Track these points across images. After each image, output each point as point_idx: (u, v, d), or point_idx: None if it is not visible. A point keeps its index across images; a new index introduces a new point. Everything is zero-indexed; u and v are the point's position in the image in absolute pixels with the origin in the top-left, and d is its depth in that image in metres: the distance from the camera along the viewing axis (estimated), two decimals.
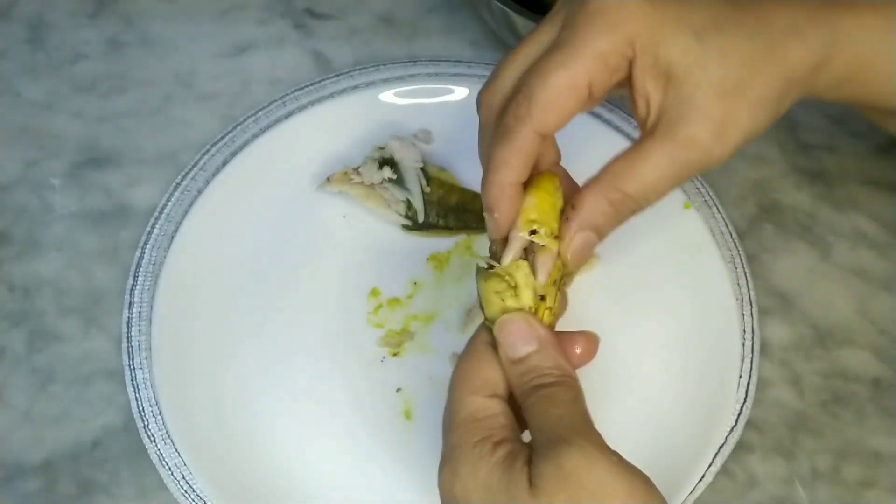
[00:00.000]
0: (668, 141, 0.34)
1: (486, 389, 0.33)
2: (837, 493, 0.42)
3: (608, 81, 0.35)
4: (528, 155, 0.35)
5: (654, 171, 0.35)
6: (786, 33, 0.36)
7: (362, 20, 0.60)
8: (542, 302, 0.35)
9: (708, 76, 0.34)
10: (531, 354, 0.33)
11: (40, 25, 0.59)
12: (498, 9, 0.51)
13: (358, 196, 0.49)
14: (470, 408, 0.33)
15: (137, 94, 0.56)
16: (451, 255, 0.49)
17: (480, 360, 0.34)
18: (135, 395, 0.44)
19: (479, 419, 0.32)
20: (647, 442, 0.43)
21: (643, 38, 0.34)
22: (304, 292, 0.48)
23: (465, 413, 0.32)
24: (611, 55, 0.34)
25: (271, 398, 0.44)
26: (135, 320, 0.46)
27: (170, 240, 0.48)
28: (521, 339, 0.33)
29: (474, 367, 0.34)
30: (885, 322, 0.47)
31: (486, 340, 0.35)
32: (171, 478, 0.41)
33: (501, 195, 0.35)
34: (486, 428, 0.32)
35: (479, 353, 0.34)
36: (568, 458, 0.29)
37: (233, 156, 0.51)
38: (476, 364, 0.34)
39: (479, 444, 0.31)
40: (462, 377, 0.34)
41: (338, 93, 0.54)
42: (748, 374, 0.45)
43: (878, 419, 0.44)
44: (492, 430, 0.32)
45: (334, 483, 0.42)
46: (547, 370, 0.33)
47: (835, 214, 0.51)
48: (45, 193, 0.52)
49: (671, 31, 0.34)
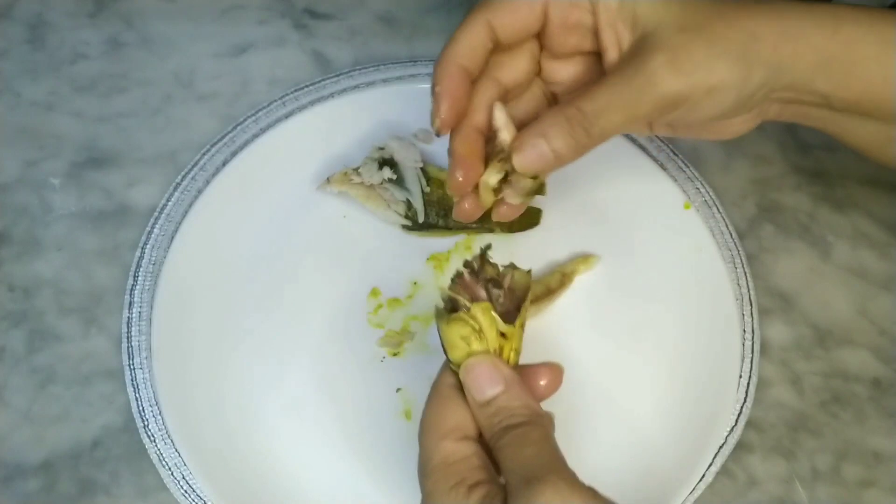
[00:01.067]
0: (626, 66, 0.37)
1: (457, 433, 0.33)
2: (837, 493, 0.42)
3: (567, 15, 0.38)
4: (478, 41, 0.38)
5: (607, 91, 0.36)
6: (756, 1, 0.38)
7: (362, 20, 0.60)
8: (507, 341, 0.35)
9: (669, 15, 0.36)
10: (498, 396, 0.33)
11: (40, 25, 0.59)
12: None
13: (358, 196, 0.49)
14: (442, 453, 0.33)
15: (137, 94, 0.56)
16: (450, 255, 0.49)
17: (448, 403, 0.34)
18: (135, 395, 0.44)
19: (451, 463, 0.32)
20: (648, 442, 0.43)
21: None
22: (304, 292, 0.48)
23: (438, 459, 0.33)
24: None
25: (271, 398, 0.44)
26: (135, 320, 0.46)
27: (170, 240, 0.48)
28: (488, 382, 0.34)
29: (442, 412, 0.34)
30: (885, 322, 0.47)
31: (451, 383, 0.35)
32: (171, 478, 0.42)
33: (446, 72, 0.38)
34: (460, 472, 0.32)
35: (446, 397, 0.35)
36: (542, 496, 0.29)
37: (233, 156, 0.51)
38: (444, 408, 0.34)
39: (455, 488, 0.31)
40: (431, 423, 0.34)
41: (338, 93, 0.54)
42: (748, 374, 0.45)
43: (878, 419, 0.44)
44: (466, 474, 0.32)
45: (334, 483, 0.42)
46: (515, 410, 0.33)
47: (835, 214, 0.51)
48: (45, 193, 0.52)
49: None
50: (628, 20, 0.37)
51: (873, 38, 0.37)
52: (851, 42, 0.37)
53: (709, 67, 0.36)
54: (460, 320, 0.35)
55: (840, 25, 0.37)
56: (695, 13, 0.37)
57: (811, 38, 0.37)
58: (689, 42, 0.36)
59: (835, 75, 0.37)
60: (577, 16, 0.38)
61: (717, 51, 0.36)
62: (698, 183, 0.51)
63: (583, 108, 0.36)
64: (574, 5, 0.38)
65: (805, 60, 0.37)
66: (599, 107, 0.36)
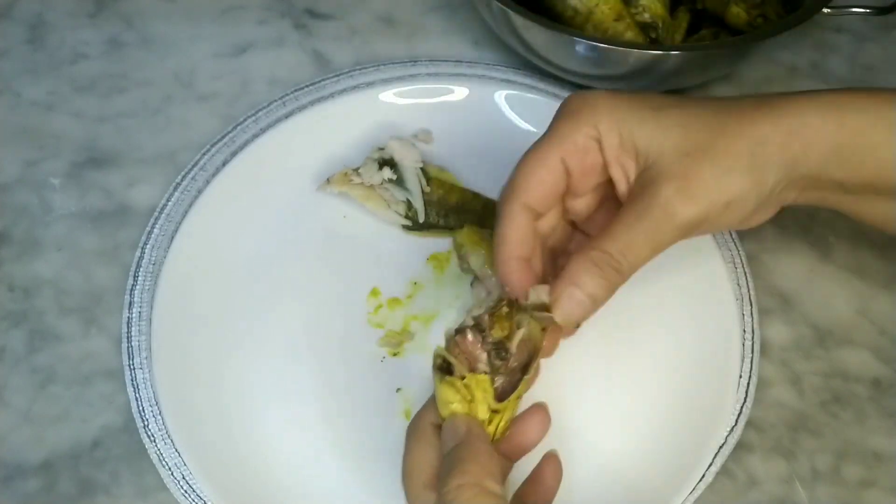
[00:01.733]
0: (638, 201, 0.37)
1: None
2: (837, 493, 0.42)
3: (581, 160, 0.39)
4: (523, 228, 0.39)
5: (627, 230, 0.37)
6: (755, 106, 0.38)
7: (362, 20, 0.60)
8: (498, 415, 0.35)
9: (669, 141, 0.37)
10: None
11: (40, 25, 0.59)
12: (498, 9, 0.51)
13: (358, 197, 0.49)
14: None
15: (137, 94, 0.56)
16: (451, 255, 0.49)
17: (427, 449, 0.35)
18: (135, 395, 0.44)
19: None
20: (648, 441, 0.43)
21: (605, 119, 0.38)
22: (305, 292, 0.48)
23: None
24: (577, 135, 0.38)
25: (271, 398, 0.44)
26: (135, 320, 0.46)
27: (170, 240, 0.48)
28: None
29: (423, 457, 0.35)
30: (885, 322, 0.47)
31: (432, 421, 0.36)
32: (171, 478, 0.41)
33: (508, 269, 0.39)
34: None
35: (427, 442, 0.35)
36: None
37: (233, 156, 0.51)
38: (425, 453, 0.35)
39: None
40: (413, 469, 0.35)
41: (338, 93, 0.54)
42: (748, 374, 0.45)
43: (878, 419, 0.44)
44: None
45: (334, 483, 0.42)
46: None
47: (835, 214, 0.51)
48: (45, 193, 0.52)
49: (631, 110, 0.38)
50: (631, 153, 0.38)
51: (881, 125, 0.37)
52: (859, 132, 0.37)
53: (720, 187, 0.36)
54: (452, 387, 0.34)
55: (844, 115, 0.37)
56: (696, 133, 0.37)
57: (819, 132, 0.37)
58: (695, 165, 0.36)
59: (846, 163, 0.37)
60: (591, 160, 0.39)
61: (725, 168, 0.36)
62: None
63: (608, 250, 0.37)
64: (586, 151, 0.38)
65: (816, 152, 0.37)
66: (623, 245, 0.37)
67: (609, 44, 0.50)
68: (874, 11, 0.55)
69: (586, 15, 0.53)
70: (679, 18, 0.57)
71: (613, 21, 0.53)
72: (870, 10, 0.55)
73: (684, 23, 0.57)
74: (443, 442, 0.34)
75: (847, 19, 0.60)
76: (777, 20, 0.54)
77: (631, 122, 0.38)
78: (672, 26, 0.55)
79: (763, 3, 0.54)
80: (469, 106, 0.54)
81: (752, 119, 0.37)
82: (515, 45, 0.54)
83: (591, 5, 0.53)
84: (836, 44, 0.60)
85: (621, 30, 0.53)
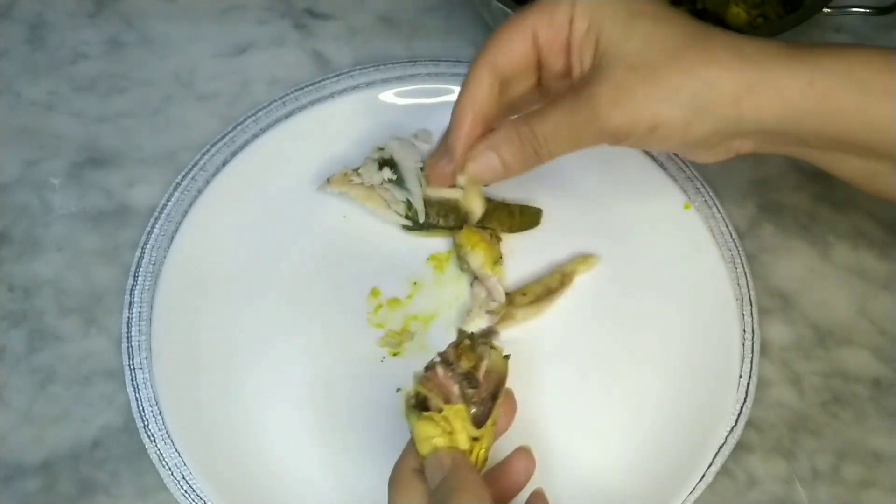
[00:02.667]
0: (574, 94, 0.38)
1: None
2: (837, 493, 0.42)
3: (551, 36, 0.39)
4: (484, 86, 0.40)
5: (555, 115, 0.38)
6: (727, 46, 0.37)
7: (362, 20, 0.60)
8: (478, 442, 0.35)
9: (626, 49, 0.37)
10: None
11: (40, 25, 0.59)
12: (498, 9, 0.51)
13: (358, 197, 0.49)
14: None
15: (137, 94, 0.56)
16: (451, 255, 0.49)
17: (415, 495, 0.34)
18: (135, 395, 0.44)
19: None
20: (648, 441, 0.43)
21: (582, 4, 0.38)
22: (304, 292, 0.48)
23: None
24: (554, 11, 0.39)
25: (271, 398, 0.44)
26: (135, 320, 0.46)
27: (170, 240, 0.48)
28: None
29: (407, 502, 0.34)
30: (885, 322, 0.47)
31: (413, 468, 0.35)
32: (171, 478, 0.42)
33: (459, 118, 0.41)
34: None
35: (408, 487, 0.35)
36: None
37: (233, 156, 0.51)
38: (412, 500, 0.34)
39: None
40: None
41: (338, 93, 0.54)
42: (748, 374, 0.45)
43: (878, 419, 0.44)
44: None
45: (334, 483, 0.42)
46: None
47: (835, 214, 0.51)
48: (45, 193, 0.52)
49: (609, 4, 0.38)
50: (592, 45, 0.38)
51: (854, 88, 0.36)
52: (828, 94, 0.36)
53: (649, 109, 0.37)
54: (431, 421, 0.34)
55: (816, 75, 0.36)
56: (656, 51, 0.37)
57: (782, 91, 0.36)
58: (637, 81, 0.37)
59: (806, 125, 0.37)
60: (560, 38, 0.40)
61: (661, 95, 0.36)
62: (698, 183, 0.51)
63: (535, 130, 0.39)
64: (558, 29, 0.39)
65: (771, 113, 0.36)
66: (548, 131, 0.39)
67: None
68: (874, 11, 0.55)
69: None
70: None
71: None
72: (870, 10, 0.55)
73: None
74: (430, 479, 0.34)
75: (847, 19, 0.60)
76: (777, 20, 0.54)
77: (603, 15, 0.38)
78: None
79: (763, 3, 0.55)
80: None
81: (713, 57, 0.36)
82: None
83: None
84: None
85: None
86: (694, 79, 0.36)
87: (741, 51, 0.37)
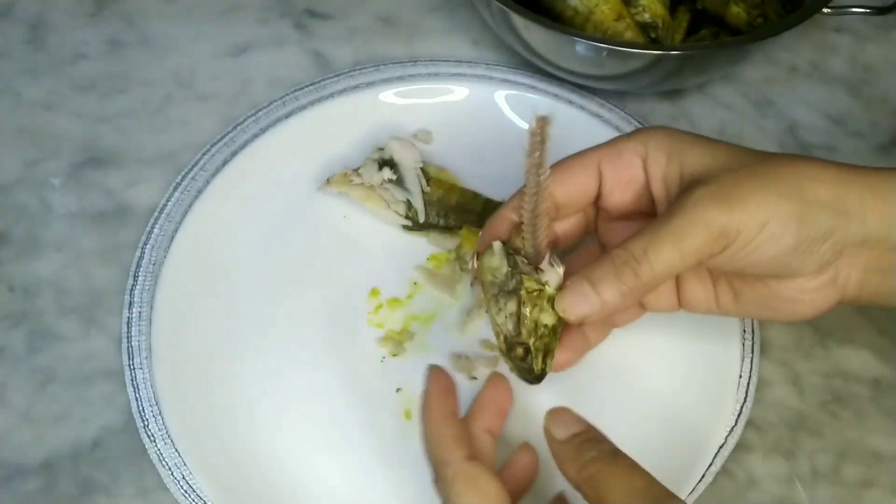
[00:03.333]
0: (672, 206, 0.36)
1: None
2: (837, 493, 0.42)
3: (619, 170, 0.39)
4: None
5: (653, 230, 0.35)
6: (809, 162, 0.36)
7: (362, 20, 0.60)
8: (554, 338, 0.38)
9: (717, 162, 0.36)
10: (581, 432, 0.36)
11: (40, 25, 0.59)
12: (498, 9, 0.51)
13: (358, 197, 0.49)
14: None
15: (137, 94, 0.56)
16: (450, 256, 0.49)
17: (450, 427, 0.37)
18: (135, 395, 0.44)
19: None
20: (648, 441, 0.43)
21: (655, 139, 0.38)
22: (305, 292, 0.48)
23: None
24: (622, 147, 0.39)
25: (271, 398, 0.44)
26: (135, 320, 0.46)
27: (170, 240, 0.48)
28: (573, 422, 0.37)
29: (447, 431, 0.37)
30: (885, 322, 0.47)
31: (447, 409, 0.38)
32: (171, 478, 0.41)
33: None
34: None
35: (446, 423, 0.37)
36: None
37: (233, 156, 0.51)
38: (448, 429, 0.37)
39: None
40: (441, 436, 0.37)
41: (338, 93, 0.54)
42: (748, 374, 0.45)
43: (878, 419, 0.44)
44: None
45: (334, 483, 0.42)
46: (605, 444, 0.35)
47: None
48: (45, 193, 0.52)
49: (684, 137, 0.38)
50: (676, 171, 0.37)
51: None
52: None
53: (757, 199, 0.34)
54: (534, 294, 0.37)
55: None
56: (747, 158, 0.36)
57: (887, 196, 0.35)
58: (737, 178, 0.35)
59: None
60: (630, 173, 0.38)
61: (767, 185, 0.35)
62: None
63: (629, 248, 0.35)
64: (627, 164, 0.38)
65: (878, 211, 0.35)
66: (646, 243, 0.35)
67: (609, 44, 0.50)
68: (874, 11, 0.55)
69: (586, 15, 0.53)
70: (679, 18, 0.57)
71: (613, 21, 0.53)
72: (870, 10, 0.55)
73: (684, 23, 0.57)
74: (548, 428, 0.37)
75: (847, 19, 0.60)
76: (777, 20, 0.54)
77: (682, 144, 0.37)
78: (672, 26, 0.55)
79: (763, 3, 0.55)
80: (469, 106, 0.54)
81: (804, 159, 0.36)
82: (515, 45, 0.54)
83: (592, 5, 0.53)
84: (836, 44, 0.60)
85: (621, 30, 0.53)
86: (796, 174, 0.35)
87: (825, 164, 0.36)
